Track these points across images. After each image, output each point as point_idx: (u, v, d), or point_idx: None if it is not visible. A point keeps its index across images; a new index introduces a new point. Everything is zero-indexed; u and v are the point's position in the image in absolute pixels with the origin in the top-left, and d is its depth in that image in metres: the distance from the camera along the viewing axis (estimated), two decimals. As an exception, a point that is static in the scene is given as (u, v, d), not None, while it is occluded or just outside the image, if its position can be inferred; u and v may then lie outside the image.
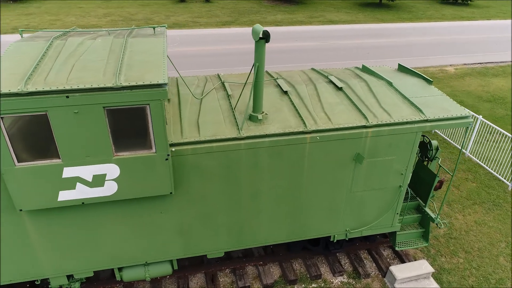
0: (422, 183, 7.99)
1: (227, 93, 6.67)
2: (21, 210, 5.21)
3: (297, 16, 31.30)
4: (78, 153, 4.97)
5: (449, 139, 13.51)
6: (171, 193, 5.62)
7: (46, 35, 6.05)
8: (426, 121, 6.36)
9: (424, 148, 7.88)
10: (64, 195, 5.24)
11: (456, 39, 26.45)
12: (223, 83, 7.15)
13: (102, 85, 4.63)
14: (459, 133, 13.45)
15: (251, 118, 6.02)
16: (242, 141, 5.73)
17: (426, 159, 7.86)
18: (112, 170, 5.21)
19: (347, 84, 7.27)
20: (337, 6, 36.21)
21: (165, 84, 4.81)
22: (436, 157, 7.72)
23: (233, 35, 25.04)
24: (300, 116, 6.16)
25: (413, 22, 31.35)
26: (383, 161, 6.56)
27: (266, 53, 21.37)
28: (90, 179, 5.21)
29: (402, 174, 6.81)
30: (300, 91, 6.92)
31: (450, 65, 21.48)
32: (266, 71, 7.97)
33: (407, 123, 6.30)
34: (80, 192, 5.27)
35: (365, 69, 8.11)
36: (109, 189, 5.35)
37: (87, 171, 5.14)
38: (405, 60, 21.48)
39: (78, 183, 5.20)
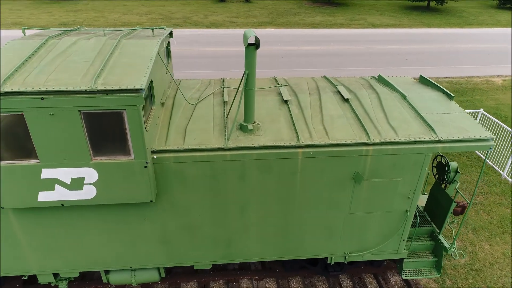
0: (439, 207, 7.24)
1: (224, 100, 6.39)
2: (2, 207, 5.24)
3: (336, 18, 30.39)
4: (55, 155, 4.90)
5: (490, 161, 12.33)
6: (151, 201, 5.42)
7: (48, 34, 6.08)
8: (438, 141, 5.69)
9: (443, 169, 7.13)
10: (44, 196, 5.20)
11: (508, 48, 24.39)
12: (223, 89, 6.88)
13: (77, 88, 4.51)
14: (500, 153, 12.25)
15: (242, 128, 5.69)
16: (228, 152, 5.41)
17: (444, 181, 7.11)
18: (90, 174, 5.10)
19: (355, 95, 6.73)
20: (381, 9, 34.77)
21: (142, 89, 4.60)
22: (455, 180, 6.96)
23: (266, 36, 24.73)
24: (295, 128, 5.74)
25: (462, 27, 29.37)
26: (387, 183, 5.96)
27: (296, 55, 20.89)
28: (68, 182, 5.13)
29: (409, 198, 6.16)
30: (302, 101, 6.48)
31: (498, 75, 19.78)
32: (274, 78, 7.60)
33: (415, 142, 5.67)
34: (59, 194, 5.21)
35: (381, 79, 7.49)
36: (88, 193, 5.24)
37: (65, 174, 5.06)
38: (446, 68, 20.08)
39: (56, 185, 5.14)
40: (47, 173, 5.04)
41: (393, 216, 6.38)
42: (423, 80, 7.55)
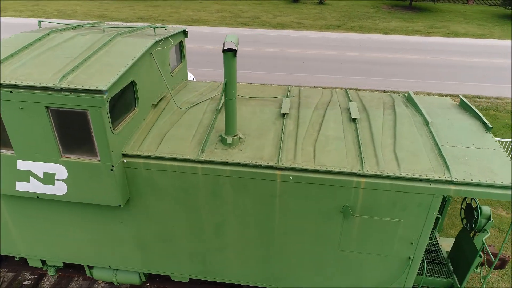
0: (463, 258, 6.03)
1: (217, 107, 5.97)
2: None
3: (414, 25, 27.99)
4: (28, 148, 4.95)
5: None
6: (119, 205, 5.24)
7: (60, 27, 6.22)
8: (451, 182, 4.63)
9: (472, 213, 5.91)
10: (20, 186, 5.31)
11: None
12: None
13: (43, 84, 4.46)
14: None
15: (222, 140, 5.23)
16: (199, 165, 5.00)
17: (473, 229, 5.88)
18: (60, 171, 5.07)
19: (368, 115, 5.84)
20: (470, 16, 31.24)
21: (104, 91, 4.40)
22: (485, 229, 5.71)
23: (331, 40, 23.64)
24: (280, 146, 5.11)
25: None
26: (385, 223, 5.04)
27: (358, 62, 19.58)
28: (41, 176, 5.16)
29: (412, 243, 5.16)
30: (302, 116, 5.79)
31: None
32: (287, 86, 6.97)
33: (420, 180, 4.69)
34: (34, 186, 5.27)
35: (409, 99, 6.44)
36: (60, 189, 5.23)
37: (38, 167, 5.10)
38: (536, 89, 17.21)
39: (31, 177, 5.21)
40: (22, 165, 5.12)
41: (394, 262, 5.41)
42: (463, 104, 6.33)
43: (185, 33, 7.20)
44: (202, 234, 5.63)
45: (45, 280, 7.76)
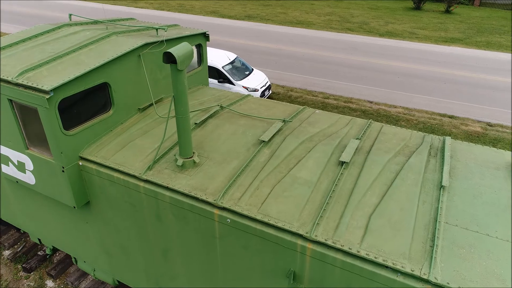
0: None
1: (202, 120, 5.39)
2: None
3: None
4: (4, 136, 5.16)
5: None
6: (74, 207, 5.12)
7: (85, 21, 6.41)
8: (427, 282, 3.22)
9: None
10: (4, 169, 5.61)
11: None
12: (221, 107, 5.83)
13: (5, 77, 4.54)
14: None
15: (176, 160, 4.65)
16: (141, 184, 4.52)
17: None
18: (28, 162, 5.18)
19: (366, 159, 4.55)
20: None
21: (47, 91, 4.24)
22: None
23: (443, 55, 20.46)
24: (233, 180, 4.29)
25: None
26: (340, 305, 3.84)
27: (464, 84, 16.50)
28: (16, 163, 5.36)
29: None
30: (284, 147, 4.82)
31: None
32: (302, 107, 5.97)
33: (382, 266, 3.38)
34: (13, 171, 5.52)
35: (442, 149, 4.86)
36: (30, 179, 5.36)
37: (13, 155, 5.30)
38: None
39: (9, 163, 5.45)
40: (3, 150, 5.38)
41: None
42: (520, 166, 4.50)
43: (205, 36, 6.75)
44: (152, 255, 5.18)
45: (58, 254, 8.31)
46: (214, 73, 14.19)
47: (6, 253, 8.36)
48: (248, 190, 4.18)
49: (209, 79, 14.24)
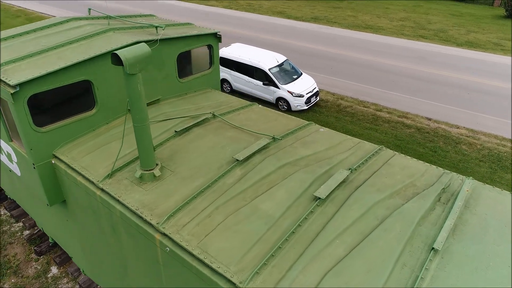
0: None
1: (186, 128, 4.94)
2: None
3: None
4: (-3, 126, 5.23)
5: None
6: (47, 205, 5.00)
7: (98, 15, 6.36)
8: None
9: None
10: (2, 157, 5.72)
11: None
12: (213, 115, 5.32)
13: (-13, 69, 4.52)
14: None
15: (135, 171, 4.24)
16: (98, 192, 4.20)
17: None
18: (12, 154, 5.18)
19: (349, 197, 3.71)
20: None
21: (14, 86, 4.10)
22: None
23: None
24: (187, 201, 3.76)
25: None
26: None
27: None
28: (6, 153, 5.41)
29: None
30: (259, 169, 4.17)
31: None
32: (308, 122, 5.23)
33: None
34: (6, 161, 5.59)
35: (457, 194, 3.81)
36: (17, 170, 5.38)
37: (3, 145, 5.35)
38: None
39: (2, 152, 5.52)
40: (-2, 139, 5.48)
41: None
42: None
43: (216, 36, 6.28)
44: (114, 265, 4.86)
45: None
46: (261, 75, 13.73)
47: (26, 233, 8.78)
48: (198, 216, 3.63)
49: (255, 80, 13.83)
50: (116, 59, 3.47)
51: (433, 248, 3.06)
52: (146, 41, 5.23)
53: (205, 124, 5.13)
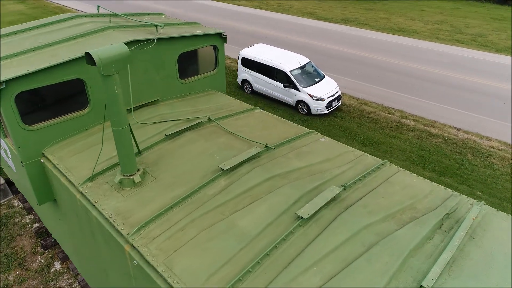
0: None
1: (177, 131, 4.74)
2: None
3: None
4: (-4, 121, 5.24)
5: None
6: (37, 203, 4.95)
7: (105, 13, 6.29)
8: None
9: None
10: (2, 153, 5.75)
11: None
12: (209, 119, 5.08)
13: (-21, 64, 4.50)
14: None
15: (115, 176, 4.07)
16: (78, 195, 4.06)
17: None
18: (7, 150, 5.17)
19: (339, 218, 3.35)
20: None
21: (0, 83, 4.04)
22: None
23: None
24: (164, 211, 3.54)
25: None
26: None
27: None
28: (3, 149, 5.41)
29: None
30: (245, 180, 3.88)
31: None
32: (309, 131, 4.90)
33: None
34: (4, 156, 5.61)
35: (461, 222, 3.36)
36: (12, 165, 5.37)
37: (2, 141, 5.35)
38: None
39: (2, 148, 5.54)
40: (-2, 135, 5.50)
41: None
42: None
43: (222, 36, 6.04)
44: (100, 269, 4.72)
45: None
46: (282, 76, 13.40)
47: (35, 225, 8.92)
48: (170, 229, 3.39)
49: (275, 82, 13.51)
50: (89, 59, 3.30)
51: (421, 286, 2.66)
52: (142, 40, 5.07)
53: (198, 129, 4.90)
